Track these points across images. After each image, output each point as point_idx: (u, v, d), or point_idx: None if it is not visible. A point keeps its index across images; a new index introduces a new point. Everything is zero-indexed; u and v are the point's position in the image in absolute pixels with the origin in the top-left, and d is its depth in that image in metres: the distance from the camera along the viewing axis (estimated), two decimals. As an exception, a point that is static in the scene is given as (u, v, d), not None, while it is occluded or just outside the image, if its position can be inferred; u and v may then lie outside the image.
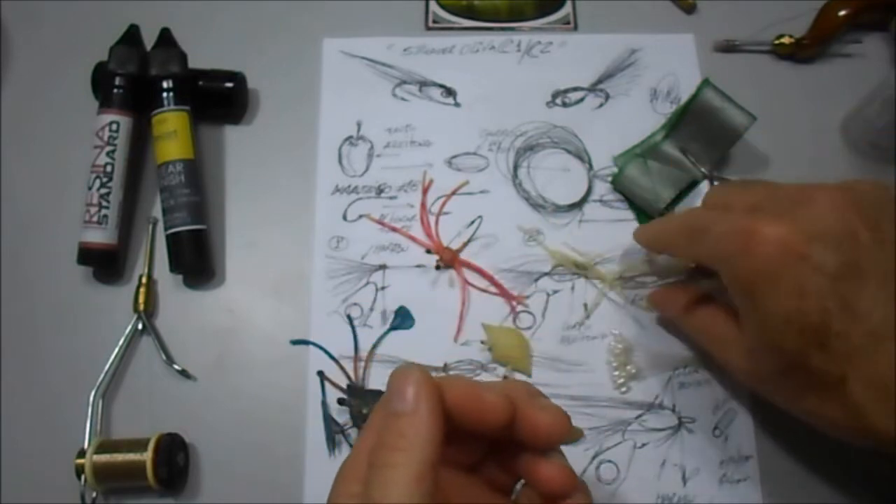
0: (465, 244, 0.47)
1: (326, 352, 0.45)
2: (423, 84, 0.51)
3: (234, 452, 0.43)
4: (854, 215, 0.32)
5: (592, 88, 0.51)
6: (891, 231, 0.32)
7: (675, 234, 0.38)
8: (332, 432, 0.43)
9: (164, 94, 0.47)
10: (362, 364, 0.44)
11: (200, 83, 0.49)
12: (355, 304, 0.46)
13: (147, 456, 0.40)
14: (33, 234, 0.48)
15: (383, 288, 0.46)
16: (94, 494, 0.41)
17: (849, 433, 0.33)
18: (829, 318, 0.31)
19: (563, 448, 0.31)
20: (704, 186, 0.48)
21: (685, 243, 0.37)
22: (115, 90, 0.47)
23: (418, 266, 0.47)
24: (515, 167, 0.49)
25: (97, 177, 0.46)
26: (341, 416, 0.43)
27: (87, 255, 0.46)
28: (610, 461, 0.42)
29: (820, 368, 0.31)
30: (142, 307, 0.45)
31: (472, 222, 0.48)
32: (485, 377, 0.44)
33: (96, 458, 0.40)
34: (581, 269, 0.46)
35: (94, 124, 0.47)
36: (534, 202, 0.48)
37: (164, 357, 0.44)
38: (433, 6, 0.54)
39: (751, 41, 0.52)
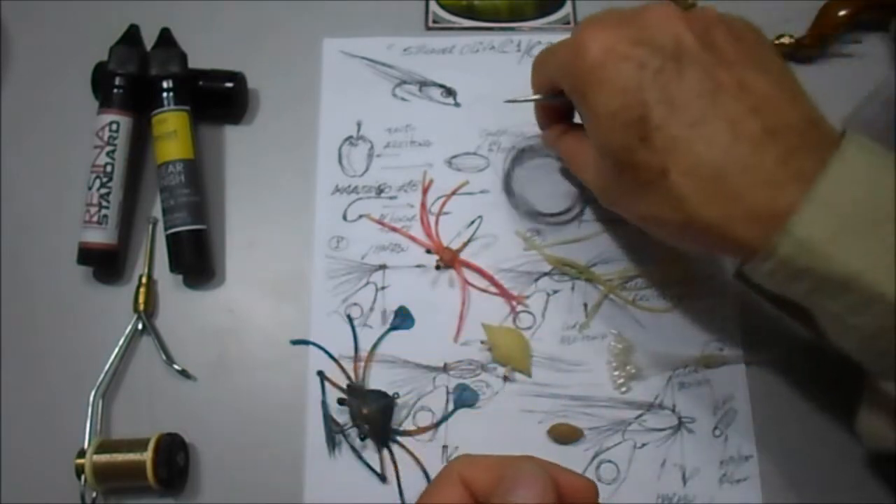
0: (465, 244, 0.47)
1: (326, 352, 0.45)
2: (423, 84, 0.51)
3: (234, 452, 0.43)
4: (681, 23, 0.34)
5: (592, 88, 0.51)
6: (720, 39, 0.34)
7: (539, 63, 0.42)
8: (332, 432, 0.43)
9: (164, 94, 0.47)
10: (362, 364, 0.44)
11: (200, 83, 0.49)
12: (355, 304, 0.46)
13: (147, 456, 0.40)
14: (33, 234, 0.48)
15: (383, 288, 0.46)
16: (94, 494, 0.41)
17: (678, 231, 0.34)
18: (649, 112, 0.32)
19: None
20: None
21: (545, 68, 0.41)
22: (115, 90, 0.47)
23: (418, 266, 0.47)
24: (507, 175, 0.49)
25: (97, 177, 0.46)
26: (341, 416, 0.43)
27: (87, 255, 0.46)
28: (610, 461, 0.42)
29: (644, 162, 0.33)
30: (142, 307, 0.45)
31: (472, 222, 0.48)
32: (485, 377, 0.44)
33: (96, 458, 0.40)
34: (579, 272, 0.46)
35: (94, 124, 0.47)
36: (529, 208, 0.48)
37: (164, 357, 0.44)
38: (433, 6, 0.54)
39: (751, 41, 0.52)
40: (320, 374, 0.44)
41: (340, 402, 0.43)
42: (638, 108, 0.32)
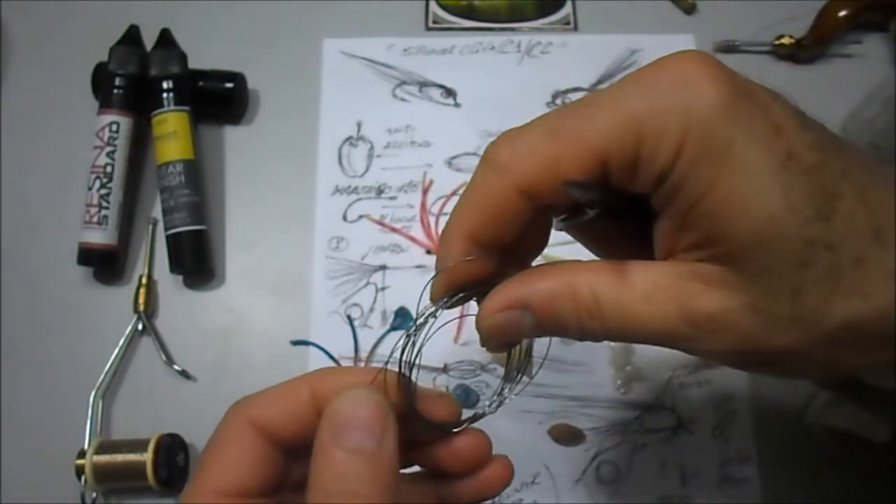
0: (466, 244, 0.47)
1: (326, 352, 0.45)
2: (423, 84, 0.51)
3: (234, 453, 0.43)
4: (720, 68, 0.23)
5: (593, 89, 0.51)
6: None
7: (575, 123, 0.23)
8: (332, 433, 0.43)
9: (164, 95, 0.47)
10: (362, 365, 0.44)
11: (200, 83, 0.49)
12: (355, 304, 0.46)
13: (147, 456, 0.40)
14: (33, 234, 0.48)
15: (383, 288, 0.46)
16: (94, 495, 0.41)
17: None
18: (826, 154, 0.22)
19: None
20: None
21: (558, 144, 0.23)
22: (116, 90, 0.47)
23: (418, 266, 0.47)
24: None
25: (97, 177, 0.46)
26: (341, 416, 0.43)
27: (88, 256, 0.46)
28: (610, 462, 0.42)
29: (845, 229, 0.21)
30: (142, 307, 0.45)
31: (473, 223, 0.48)
32: (485, 377, 0.44)
33: (96, 458, 0.40)
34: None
35: (94, 124, 0.47)
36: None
37: (164, 357, 0.44)
38: (433, 6, 0.54)
39: (751, 41, 0.52)
40: (320, 374, 0.44)
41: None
42: (810, 151, 0.22)
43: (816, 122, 0.24)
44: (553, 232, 0.28)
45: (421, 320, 0.26)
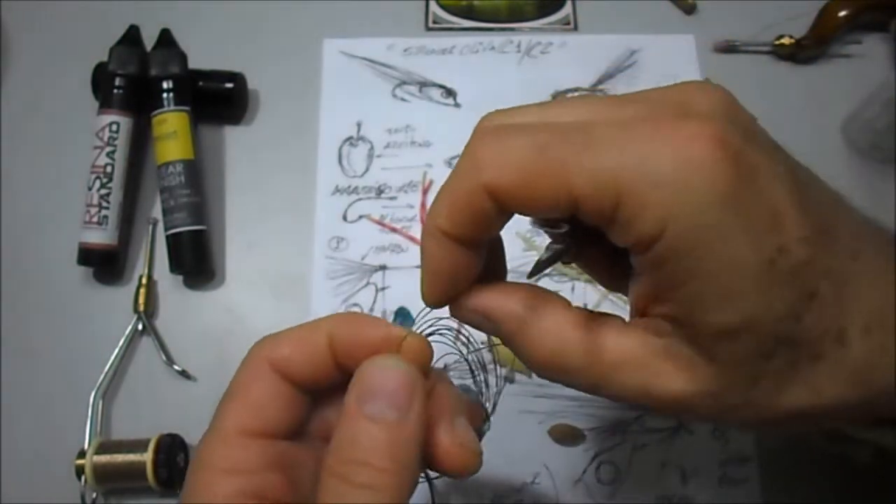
0: (465, 245, 0.47)
1: (326, 352, 0.45)
2: (423, 84, 0.51)
3: (234, 453, 0.43)
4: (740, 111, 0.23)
5: (592, 89, 0.51)
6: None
7: (545, 160, 0.21)
8: (332, 433, 0.43)
9: (164, 95, 0.47)
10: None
11: (200, 83, 0.49)
12: (355, 304, 0.46)
13: (147, 457, 0.40)
14: (33, 234, 0.48)
15: (383, 289, 0.46)
16: (94, 495, 0.41)
17: (842, 414, 0.23)
18: (814, 248, 0.21)
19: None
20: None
21: (566, 173, 0.21)
22: (115, 91, 0.47)
23: (418, 267, 0.46)
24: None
25: (97, 177, 0.46)
26: (341, 416, 0.43)
27: (88, 256, 0.46)
28: (610, 462, 0.42)
29: (811, 330, 0.21)
30: (142, 308, 0.45)
31: (473, 223, 0.48)
32: (485, 377, 0.44)
33: (96, 458, 0.40)
34: (579, 273, 0.46)
35: (94, 124, 0.47)
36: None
37: (164, 357, 0.44)
38: (433, 6, 0.54)
39: (751, 42, 0.52)
40: (320, 374, 0.44)
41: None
42: (801, 246, 0.21)
43: (818, 187, 0.23)
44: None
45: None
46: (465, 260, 0.24)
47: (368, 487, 0.21)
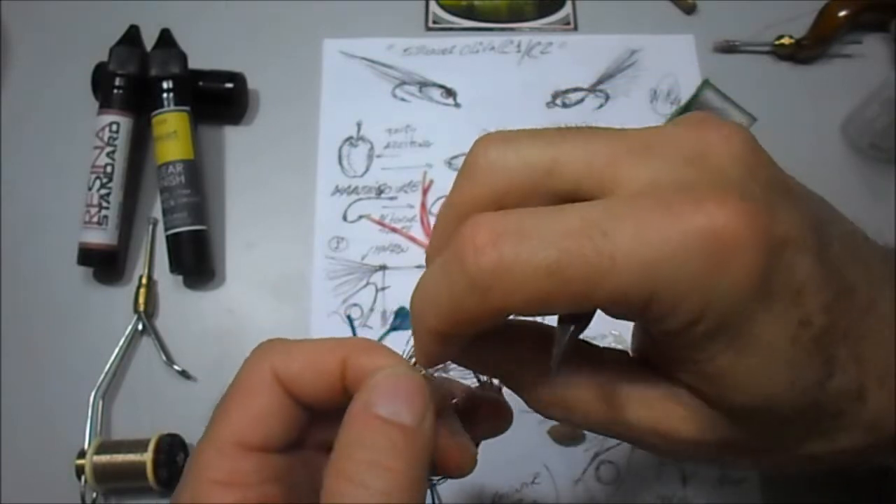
0: (465, 245, 0.47)
1: (326, 352, 0.45)
2: (423, 85, 0.51)
3: (234, 453, 0.43)
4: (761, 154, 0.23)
5: (592, 89, 0.51)
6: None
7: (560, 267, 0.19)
8: (332, 433, 0.43)
9: (164, 95, 0.47)
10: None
11: (200, 83, 0.49)
12: (355, 304, 0.46)
13: (147, 457, 0.40)
14: (33, 234, 0.48)
15: (383, 289, 0.46)
16: (94, 495, 0.41)
17: (856, 459, 0.24)
18: (835, 316, 0.20)
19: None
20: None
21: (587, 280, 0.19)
22: (115, 91, 0.47)
23: (418, 267, 0.47)
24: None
25: (97, 177, 0.46)
26: (341, 416, 0.43)
27: (88, 256, 0.46)
28: (610, 462, 0.42)
29: (837, 392, 0.21)
30: (142, 308, 0.45)
31: (472, 223, 0.48)
32: (485, 377, 0.44)
33: (96, 458, 0.40)
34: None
35: (94, 125, 0.47)
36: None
37: (164, 357, 0.44)
38: (433, 7, 0.54)
39: (751, 42, 0.52)
40: (320, 374, 0.44)
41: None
42: (822, 314, 0.20)
43: (838, 228, 0.23)
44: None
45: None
46: (458, 349, 0.23)
47: (380, 489, 0.20)
